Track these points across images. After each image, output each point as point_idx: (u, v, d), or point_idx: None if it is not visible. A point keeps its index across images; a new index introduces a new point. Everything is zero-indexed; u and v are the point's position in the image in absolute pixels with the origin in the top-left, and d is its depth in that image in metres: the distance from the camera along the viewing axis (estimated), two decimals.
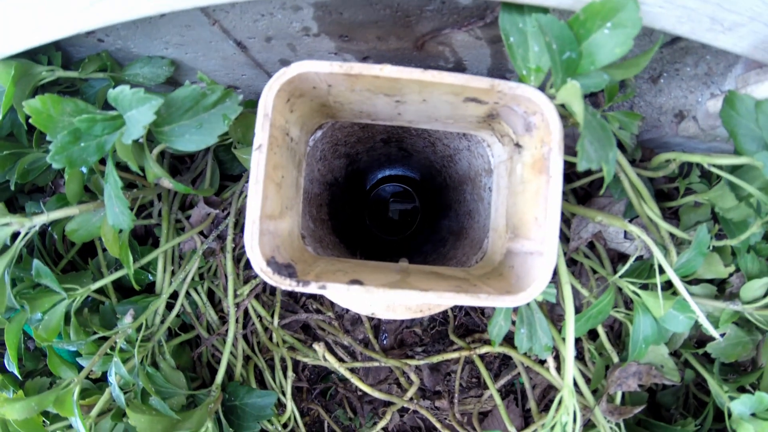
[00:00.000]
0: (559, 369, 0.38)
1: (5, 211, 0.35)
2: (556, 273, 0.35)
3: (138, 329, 0.41)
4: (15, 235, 0.36)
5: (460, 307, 0.51)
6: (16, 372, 0.41)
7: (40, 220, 0.34)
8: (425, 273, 0.32)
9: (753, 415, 0.37)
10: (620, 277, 0.36)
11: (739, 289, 0.40)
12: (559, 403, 0.32)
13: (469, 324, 0.51)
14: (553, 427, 0.31)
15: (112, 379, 0.37)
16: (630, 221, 0.39)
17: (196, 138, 0.31)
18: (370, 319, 0.51)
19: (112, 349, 0.40)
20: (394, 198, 0.78)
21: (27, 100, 0.31)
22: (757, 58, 0.29)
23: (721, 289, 0.43)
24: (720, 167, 0.33)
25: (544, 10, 0.25)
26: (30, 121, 0.32)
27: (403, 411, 0.53)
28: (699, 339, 0.46)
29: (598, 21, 0.23)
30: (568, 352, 0.33)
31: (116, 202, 0.32)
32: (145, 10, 0.28)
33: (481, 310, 0.50)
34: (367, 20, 0.34)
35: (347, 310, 0.51)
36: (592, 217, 0.36)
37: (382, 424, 0.51)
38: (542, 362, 0.43)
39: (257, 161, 0.26)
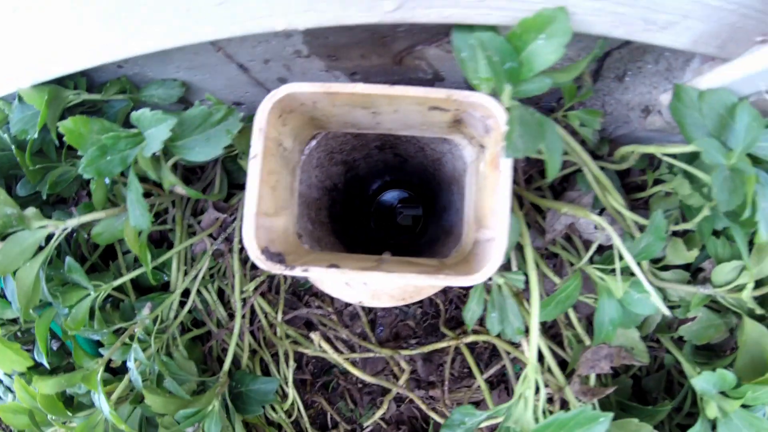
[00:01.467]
0: (541, 358, 0.42)
1: (40, 215, 0.42)
2: (525, 260, 0.40)
3: (154, 322, 0.47)
4: (48, 238, 0.42)
5: (450, 301, 0.55)
6: (45, 362, 0.47)
7: (72, 223, 0.41)
8: (401, 262, 0.37)
9: (724, 394, 0.40)
10: (589, 264, 0.40)
11: (711, 273, 0.43)
12: (525, 378, 0.36)
13: (459, 317, 0.55)
14: (518, 401, 0.35)
15: (131, 364, 0.43)
16: (600, 213, 0.44)
17: (205, 150, 0.37)
18: (367, 313, 0.56)
19: (131, 338, 0.46)
20: (402, 204, 0.82)
21: (60, 121, 0.38)
22: (700, 51, 0.34)
23: (696, 275, 0.46)
24: (674, 156, 0.37)
25: (492, 28, 0.30)
26: (64, 139, 0.38)
27: (399, 401, 0.57)
28: (680, 325, 0.49)
29: (532, 33, 0.28)
30: (533, 331, 0.37)
31: (137, 206, 0.38)
32: (165, 44, 0.34)
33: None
34: (350, 42, 0.40)
35: (346, 306, 0.56)
36: (559, 209, 0.40)
37: (379, 413, 0.56)
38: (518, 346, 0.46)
39: (253, 168, 0.32)
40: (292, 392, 0.52)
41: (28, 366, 0.46)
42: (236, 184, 0.56)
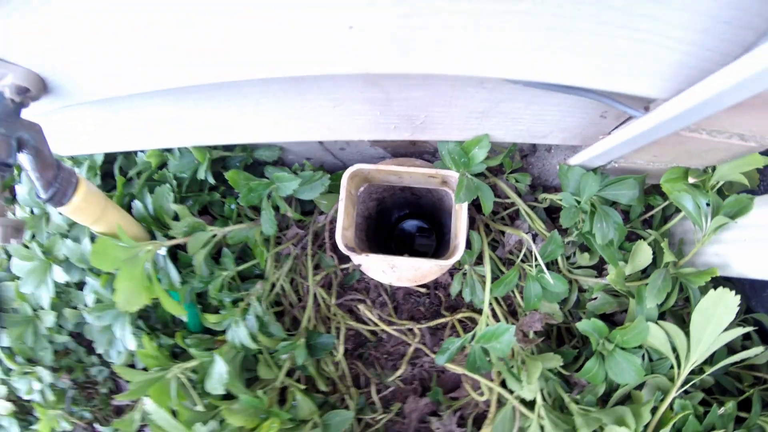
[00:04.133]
0: (495, 316, 0.88)
1: (206, 225, 0.90)
2: (483, 261, 0.86)
3: (258, 298, 0.94)
4: (209, 239, 0.90)
5: (448, 295, 1.01)
6: (185, 317, 0.95)
7: (228, 229, 0.89)
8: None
9: (608, 339, 0.84)
10: (522, 262, 0.86)
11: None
12: (481, 321, 0.81)
13: (454, 305, 1.01)
14: (472, 338, 0.80)
15: (250, 314, 0.89)
16: (534, 236, 0.90)
17: (309, 193, 0.85)
18: (392, 301, 1.02)
19: (247, 305, 0.93)
20: (420, 233, 1.29)
21: (226, 171, 0.87)
22: (569, 144, 0.81)
23: (602, 272, 0.91)
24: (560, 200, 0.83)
25: (459, 143, 0.78)
26: (229, 182, 0.87)
27: (413, 365, 1.02)
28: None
29: (473, 146, 0.76)
30: (486, 299, 0.82)
31: (269, 220, 0.86)
32: (294, 138, 0.84)
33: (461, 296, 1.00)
34: (394, 139, 0.89)
35: (378, 295, 1.03)
36: (503, 230, 0.87)
37: (398, 372, 1.01)
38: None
39: (341, 204, 0.80)
40: (341, 350, 0.98)
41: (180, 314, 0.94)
42: (306, 212, 1.04)
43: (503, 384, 0.89)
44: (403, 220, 1.31)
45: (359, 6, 0.43)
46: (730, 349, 0.90)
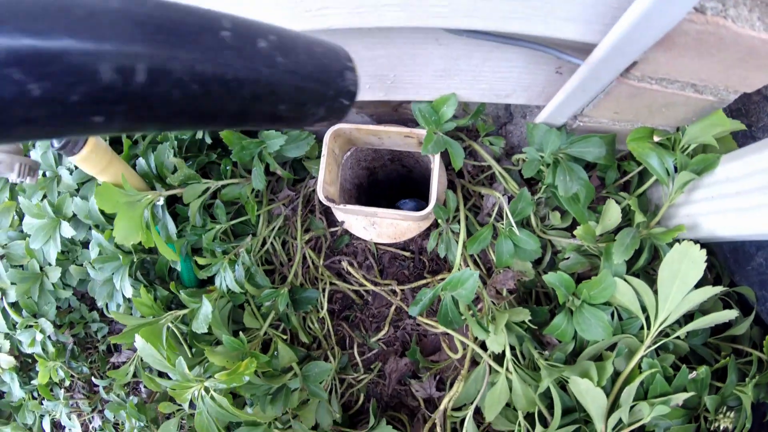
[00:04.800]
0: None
1: (200, 178, 1.03)
2: (460, 220, 0.95)
3: (248, 250, 1.06)
4: (205, 190, 1.03)
5: (431, 259, 1.10)
6: (179, 267, 1.07)
7: (220, 183, 1.01)
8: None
9: (576, 295, 0.90)
10: (496, 222, 0.94)
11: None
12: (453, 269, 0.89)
13: (436, 269, 1.09)
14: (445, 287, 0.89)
15: (239, 264, 1.01)
16: (510, 198, 0.98)
17: (296, 151, 0.96)
18: (378, 263, 1.12)
19: (235, 255, 1.04)
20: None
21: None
22: (534, 104, 0.89)
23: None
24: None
25: (429, 102, 0.88)
26: (223, 140, 0.99)
27: (396, 328, 1.10)
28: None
29: (441, 104, 0.85)
30: (458, 254, 0.91)
31: (259, 176, 0.97)
32: None
33: (444, 259, 1.08)
34: (368, 101, 0.99)
35: (366, 258, 1.12)
36: (479, 191, 0.95)
37: (381, 333, 1.10)
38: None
39: (323, 159, 0.91)
40: (326, 306, 1.08)
41: (174, 259, 1.07)
42: (299, 179, 1.16)
43: (480, 345, 0.97)
44: (400, 200, 1.41)
45: None
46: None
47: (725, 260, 1.04)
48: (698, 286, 0.82)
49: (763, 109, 1.12)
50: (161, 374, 1.00)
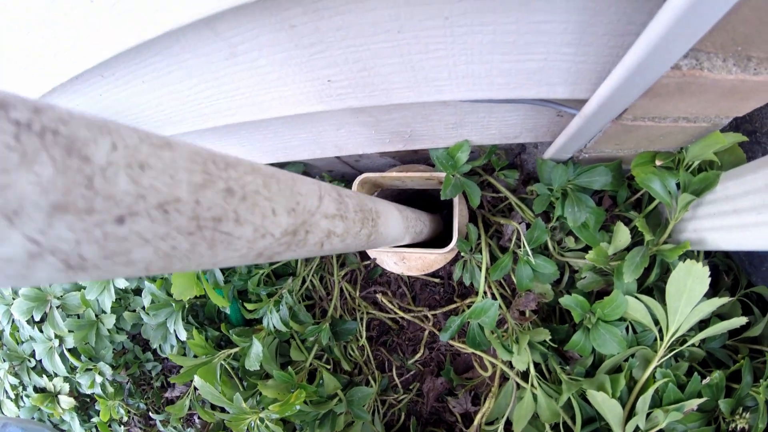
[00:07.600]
0: (494, 297, 1.06)
1: None
2: (482, 250, 1.05)
3: (290, 291, 1.18)
4: None
5: (460, 283, 1.20)
6: (228, 311, 1.20)
7: None
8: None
9: (592, 312, 1.00)
10: (516, 248, 1.04)
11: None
12: (478, 295, 0.99)
13: (464, 293, 1.20)
14: (469, 307, 0.99)
15: (283, 305, 1.13)
16: (527, 225, 1.08)
17: None
18: (410, 292, 1.23)
19: (279, 297, 1.17)
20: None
21: None
22: (542, 141, 0.99)
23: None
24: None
25: (446, 149, 0.98)
26: None
27: (431, 349, 1.21)
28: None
29: (456, 151, 0.96)
30: (481, 282, 1.01)
31: None
32: (307, 156, 1.08)
33: (471, 284, 1.18)
34: (392, 150, 1.11)
35: (399, 287, 1.23)
36: (498, 221, 1.05)
37: (418, 355, 1.20)
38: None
39: None
40: (364, 333, 1.19)
41: (224, 304, 1.20)
42: None
43: (508, 363, 1.07)
44: None
45: (330, 65, 0.66)
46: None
47: (741, 263, 1.12)
48: (714, 288, 0.90)
49: (767, 115, 1.20)
50: (213, 407, 1.13)
